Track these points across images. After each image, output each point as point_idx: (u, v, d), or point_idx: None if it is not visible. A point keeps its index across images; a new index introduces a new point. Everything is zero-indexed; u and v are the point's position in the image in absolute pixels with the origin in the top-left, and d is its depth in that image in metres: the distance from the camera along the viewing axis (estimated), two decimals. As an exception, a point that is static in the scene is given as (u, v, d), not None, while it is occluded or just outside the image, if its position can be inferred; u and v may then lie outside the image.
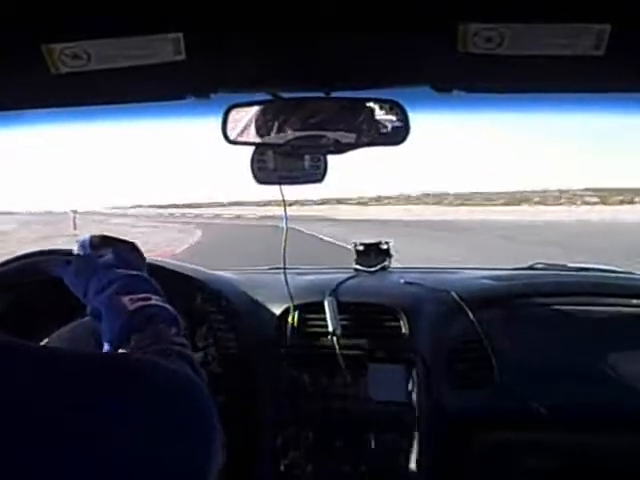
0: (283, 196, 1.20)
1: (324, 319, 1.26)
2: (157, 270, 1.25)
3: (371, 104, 0.82)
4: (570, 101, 0.89)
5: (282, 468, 1.22)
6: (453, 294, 1.31)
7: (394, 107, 0.82)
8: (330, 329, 1.23)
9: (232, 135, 0.85)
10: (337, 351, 1.22)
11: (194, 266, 1.39)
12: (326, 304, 1.27)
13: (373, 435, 1.22)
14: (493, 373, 1.25)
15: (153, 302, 0.67)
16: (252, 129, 0.84)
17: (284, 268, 1.30)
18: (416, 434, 1.21)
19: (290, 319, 1.29)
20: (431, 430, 1.22)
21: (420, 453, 1.21)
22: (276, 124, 0.83)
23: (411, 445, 1.21)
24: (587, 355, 1.27)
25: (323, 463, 1.22)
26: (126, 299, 0.66)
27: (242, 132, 0.85)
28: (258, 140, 0.85)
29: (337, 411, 1.23)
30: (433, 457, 1.22)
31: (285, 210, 1.26)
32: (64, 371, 0.40)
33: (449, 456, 1.25)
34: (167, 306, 0.69)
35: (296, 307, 1.30)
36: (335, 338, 1.22)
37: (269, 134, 0.84)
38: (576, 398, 1.24)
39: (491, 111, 0.99)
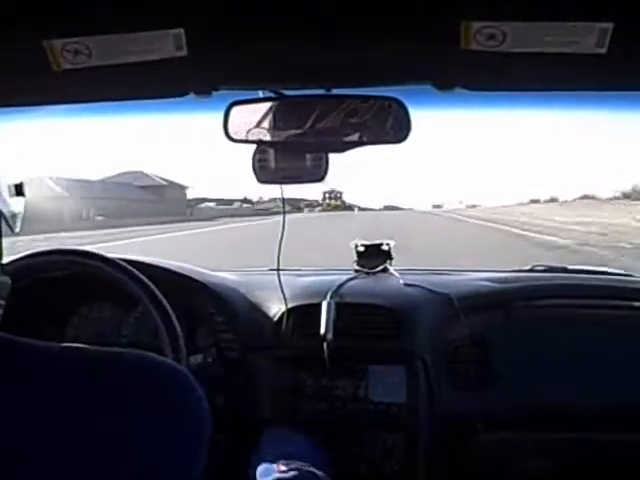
0: (283, 196, 1.20)
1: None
2: (157, 271, 1.25)
3: (372, 102, 0.82)
4: (572, 99, 0.89)
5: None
6: (453, 296, 1.31)
7: (395, 105, 0.82)
8: (322, 332, 1.21)
9: (233, 133, 0.84)
10: (325, 355, 1.21)
11: (194, 267, 1.39)
12: (323, 307, 1.26)
13: (373, 436, 1.21)
14: (493, 374, 1.24)
15: None
16: (254, 127, 0.84)
17: (278, 270, 1.30)
18: (416, 435, 1.21)
19: (289, 321, 1.29)
20: (431, 431, 1.22)
21: (420, 454, 1.21)
22: (277, 122, 0.83)
23: (411, 446, 1.21)
24: (587, 357, 1.27)
25: None
26: None
27: (243, 130, 0.84)
28: (260, 138, 0.85)
29: (337, 412, 1.23)
30: (433, 458, 1.22)
31: (284, 210, 1.25)
32: (92, 370, 0.40)
33: (449, 456, 1.25)
34: None
35: (295, 309, 1.29)
36: (325, 343, 1.21)
37: (271, 132, 0.84)
38: (576, 399, 1.24)
39: (492, 109, 0.99)
